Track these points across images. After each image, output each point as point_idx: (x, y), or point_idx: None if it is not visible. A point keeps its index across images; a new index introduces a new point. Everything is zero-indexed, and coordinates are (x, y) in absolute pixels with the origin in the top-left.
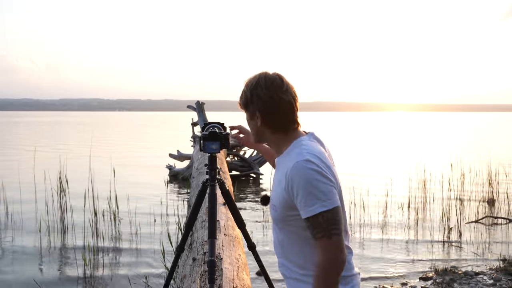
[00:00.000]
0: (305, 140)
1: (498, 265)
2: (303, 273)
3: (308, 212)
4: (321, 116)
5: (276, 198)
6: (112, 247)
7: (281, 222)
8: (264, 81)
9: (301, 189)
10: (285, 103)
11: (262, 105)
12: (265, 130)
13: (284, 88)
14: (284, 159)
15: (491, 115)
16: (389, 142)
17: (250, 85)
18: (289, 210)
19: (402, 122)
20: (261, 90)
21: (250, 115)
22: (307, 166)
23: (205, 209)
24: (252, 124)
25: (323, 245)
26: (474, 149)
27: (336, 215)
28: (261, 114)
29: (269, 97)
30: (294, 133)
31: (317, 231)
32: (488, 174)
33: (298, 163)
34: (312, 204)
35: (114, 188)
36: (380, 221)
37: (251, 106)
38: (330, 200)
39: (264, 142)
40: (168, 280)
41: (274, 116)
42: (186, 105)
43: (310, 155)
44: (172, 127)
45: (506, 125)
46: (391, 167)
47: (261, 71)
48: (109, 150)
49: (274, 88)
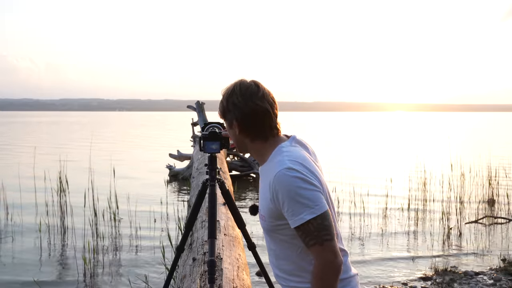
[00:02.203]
0: (285, 146)
1: (498, 265)
2: (299, 280)
3: (297, 221)
4: (321, 116)
5: (263, 208)
6: (112, 247)
7: (271, 232)
8: (239, 88)
9: (287, 198)
10: (261, 109)
11: (238, 113)
12: (243, 138)
13: (260, 94)
14: (266, 168)
15: (491, 115)
16: (389, 142)
17: (226, 94)
18: (278, 220)
19: (402, 122)
20: (237, 98)
21: (228, 124)
22: (289, 174)
23: (205, 209)
24: (231, 133)
25: (317, 252)
26: (474, 149)
27: (325, 220)
28: (238, 122)
29: (245, 104)
30: (274, 140)
31: (309, 239)
32: (488, 174)
33: (280, 172)
34: (300, 213)
35: (114, 188)
36: (380, 221)
37: (228, 114)
38: (318, 206)
39: (246, 151)
40: (168, 280)
41: (251, 124)
42: (186, 105)
43: (292, 162)
44: (172, 127)
45: (506, 125)
46: (391, 167)
47: (238, 79)
48: (109, 150)
49: (249, 95)
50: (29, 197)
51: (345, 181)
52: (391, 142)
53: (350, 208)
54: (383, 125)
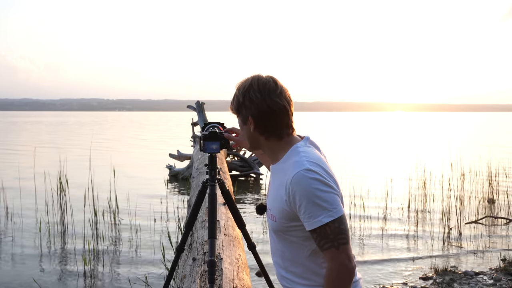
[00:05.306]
0: (301, 146)
1: (498, 265)
2: (307, 284)
3: (314, 224)
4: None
5: (275, 209)
6: (112, 247)
7: (281, 233)
8: (257, 84)
9: (304, 200)
10: (279, 107)
11: (255, 109)
12: (258, 136)
13: (278, 91)
14: (281, 167)
15: (491, 115)
16: (389, 142)
17: (243, 88)
18: (291, 221)
19: (402, 122)
20: (254, 93)
21: (242, 120)
22: (308, 176)
23: (205, 209)
24: (245, 129)
25: (332, 256)
26: (474, 149)
27: (342, 223)
28: (254, 119)
29: (262, 101)
30: (289, 139)
31: (324, 242)
32: (488, 174)
33: (299, 173)
34: (318, 215)
35: (114, 188)
36: (380, 221)
37: (243, 110)
38: (336, 209)
39: (258, 148)
40: (168, 280)
41: (267, 121)
42: (186, 105)
43: (310, 163)
44: (172, 126)
45: (506, 125)
46: (391, 167)
47: (254, 74)
48: (109, 150)
49: (267, 91)
50: (29, 197)
51: (345, 181)
52: (391, 142)
53: (350, 208)
54: (383, 125)
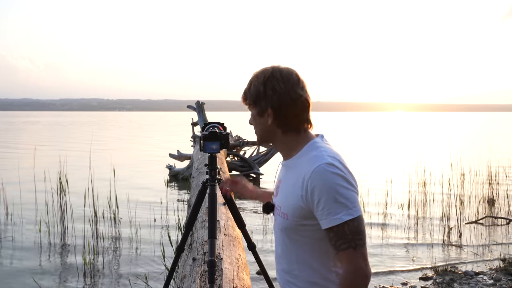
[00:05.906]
0: (319, 142)
1: (498, 265)
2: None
3: (333, 221)
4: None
5: (288, 205)
6: (112, 247)
7: (292, 232)
8: (280, 74)
9: (324, 195)
10: (302, 100)
11: (277, 100)
12: (275, 129)
13: (301, 85)
14: (295, 163)
15: (491, 115)
16: (389, 142)
17: (263, 78)
18: (305, 219)
19: (402, 122)
20: (277, 83)
21: (259, 112)
22: (330, 170)
23: (205, 209)
24: (260, 122)
25: (348, 257)
26: (474, 149)
27: (360, 224)
28: (274, 110)
29: (286, 92)
30: (306, 135)
31: (342, 242)
32: (488, 174)
33: (320, 166)
34: (338, 212)
35: (114, 188)
36: (380, 221)
37: (262, 101)
38: (356, 208)
39: (269, 142)
40: (168, 280)
41: (288, 114)
42: (186, 105)
43: (332, 158)
44: (172, 126)
45: (506, 125)
46: (391, 167)
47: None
48: (109, 150)
49: (291, 83)
50: (29, 197)
51: None
52: (391, 142)
53: None
54: (383, 125)
